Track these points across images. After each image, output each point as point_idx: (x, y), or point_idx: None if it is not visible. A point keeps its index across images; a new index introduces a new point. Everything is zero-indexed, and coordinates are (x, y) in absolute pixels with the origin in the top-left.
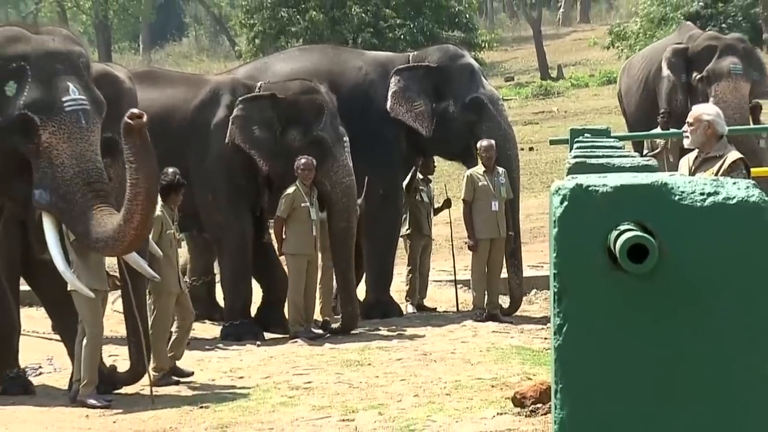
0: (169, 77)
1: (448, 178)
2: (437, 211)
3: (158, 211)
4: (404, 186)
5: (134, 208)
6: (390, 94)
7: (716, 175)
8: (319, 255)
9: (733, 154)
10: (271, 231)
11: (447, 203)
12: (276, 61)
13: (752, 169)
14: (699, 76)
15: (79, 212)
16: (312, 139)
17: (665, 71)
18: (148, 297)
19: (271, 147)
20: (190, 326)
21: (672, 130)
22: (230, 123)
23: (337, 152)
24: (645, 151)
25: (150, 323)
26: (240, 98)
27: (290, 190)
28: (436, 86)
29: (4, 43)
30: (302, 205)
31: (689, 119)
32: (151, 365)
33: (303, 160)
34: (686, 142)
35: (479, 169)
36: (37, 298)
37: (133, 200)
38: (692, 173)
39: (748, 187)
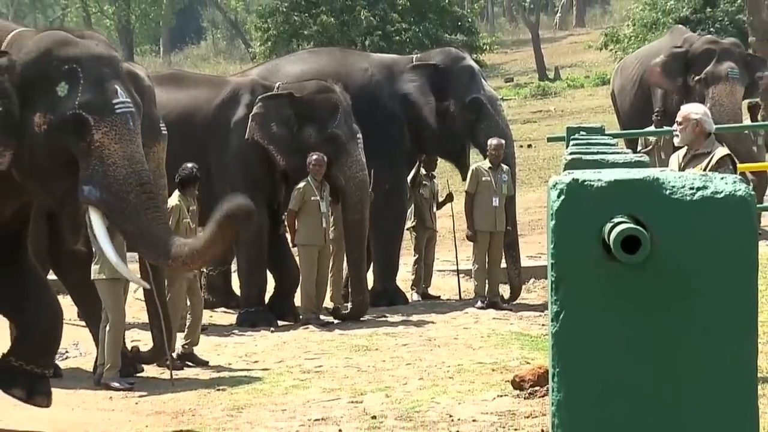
0: (192, 79)
1: (451, 173)
2: (440, 205)
3: (176, 201)
4: (408, 181)
5: (206, 252)
6: (410, 89)
7: (704, 170)
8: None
9: (721, 151)
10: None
11: (449, 197)
12: (286, 63)
13: (755, 165)
14: (697, 78)
15: (131, 211)
16: (327, 136)
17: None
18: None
19: (288, 143)
20: (201, 313)
21: (664, 128)
22: (250, 120)
23: (351, 148)
24: (639, 148)
25: None
26: (259, 96)
27: (301, 184)
28: (438, 86)
29: (55, 46)
30: (312, 198)
31: (678, 118)
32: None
33: (314, 157)
34: (676, 140)
35: (485, 164)
36: (63, 287)
37: (209, 248)
38: (681, 169)
39: (735, 182)
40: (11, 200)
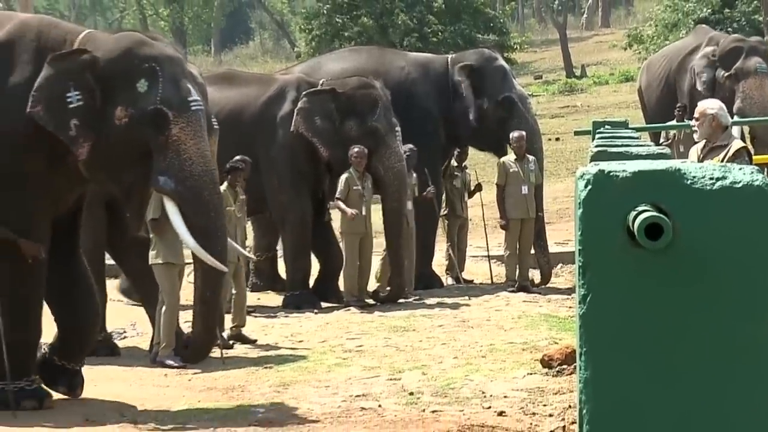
0: (244, 77)
1: (484, 165)
2: (471, 194)
3: (222, 189)
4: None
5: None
6: (463, 87)
7: (722, 162)
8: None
9: (737, 143)
10: (332, 212)
11: (478, 187)
12: (328, 61)
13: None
14: (727, 74)
15: (204, 208)
16: (367, 129)
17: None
18: None
19: (330, 136)
20: (245, 296)
21: (685, 122)
22: (295, 114)
23: (390, 141)
24: (661, 141)
25: None
26: (304, 92)
27: (345, 175)
28: (473, 85)
29: (135, 46)
30: (354, 188)
31: (696, 114)
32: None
33: (356, 149)
34: (695, 135)
35: (511, 156)
36: (121, 271)
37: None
38: (700, 161)
39: (752, 173)
40: (78, 190)
